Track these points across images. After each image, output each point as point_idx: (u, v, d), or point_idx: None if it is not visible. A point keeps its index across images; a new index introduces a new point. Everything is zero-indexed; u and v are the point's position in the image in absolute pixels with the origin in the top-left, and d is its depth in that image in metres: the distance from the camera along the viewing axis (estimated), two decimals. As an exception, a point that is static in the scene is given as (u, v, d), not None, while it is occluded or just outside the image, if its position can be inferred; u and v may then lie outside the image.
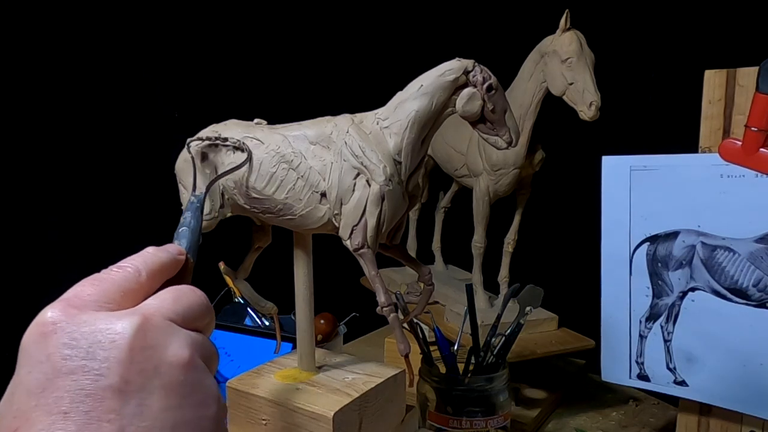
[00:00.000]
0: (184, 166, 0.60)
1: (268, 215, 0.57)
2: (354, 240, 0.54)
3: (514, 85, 0.84)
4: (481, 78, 0.53)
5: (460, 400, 0.67)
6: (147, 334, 0.28)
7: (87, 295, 0.30)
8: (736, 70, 0.62)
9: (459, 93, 0.53)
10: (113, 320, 0.28)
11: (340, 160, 0.54)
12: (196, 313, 0.32)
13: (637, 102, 1.00)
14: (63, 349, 0.27)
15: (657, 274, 0.66)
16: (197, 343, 0.31)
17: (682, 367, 0.66)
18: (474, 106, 0.53)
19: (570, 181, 0.99)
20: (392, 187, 0.53)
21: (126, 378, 0.27)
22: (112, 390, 0.27)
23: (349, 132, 0.54)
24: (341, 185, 0.54)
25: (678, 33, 0.96)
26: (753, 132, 0.59)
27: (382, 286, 0.55)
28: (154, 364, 0.28)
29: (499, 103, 0.54)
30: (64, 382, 0.27)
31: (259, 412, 0.58)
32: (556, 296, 0.82)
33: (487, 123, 0.54)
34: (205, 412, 0.30)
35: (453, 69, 0.53)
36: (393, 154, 0.54)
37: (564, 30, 0.76)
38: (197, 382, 0.30)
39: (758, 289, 0.60)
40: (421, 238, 1.11)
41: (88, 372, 0.27)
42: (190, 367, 0.29)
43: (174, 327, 0.30)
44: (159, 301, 0.31)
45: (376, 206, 0.53)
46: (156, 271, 0.33)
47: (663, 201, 0.65)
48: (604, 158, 0.68)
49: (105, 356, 0.27)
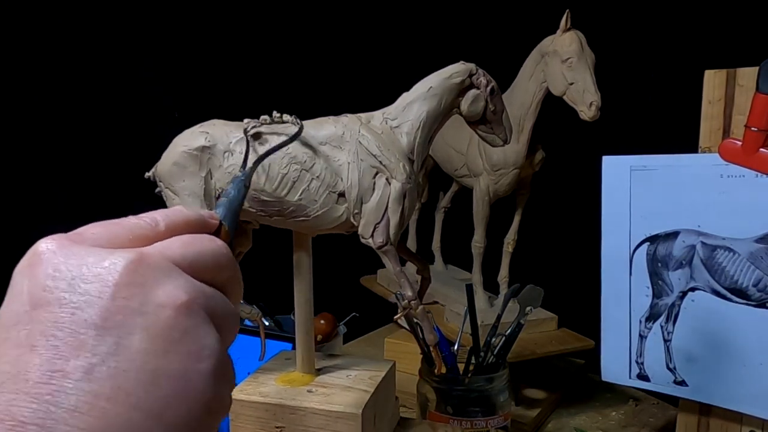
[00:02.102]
0: (174, 169, 0.56)
1: (277, 218, 0.56)
2: (377, 238, 0.55)
3: (514, 85, 0.84)
4: (485, 81, 0.56)
5: (460, 400, 0.67)
6: (138, 270, 0.25)
7: (90, 234, 0.27)
8: (736, 70, 0.62)
9: (464, 95, 0.56)
10: (105, 255, 0.26)
11: (357, 160, 0.54)
12: (209, 262, 0.28)
13: (637, 102, 1.00)
14: (45, 280, 0.25)
15: (657, 274, 0.66)
16: (202, 293, 0.27)
17: (681, 367, 0.66)
18: (478, 107, 0.56)
19: (570, 181, 0.99)
20: (412, 184, 0.55)
21: (105, 315, 0.24)
22: (87, 325, 0.24)
23: (362, 132, 0.55)
24: (362, 185, 0.55)
25: (678, 33, 0.96)
26: (753, 132, 0.59)
27: (408, 281, 0.56)
28: (139, 301, 0.25)
29: (499, 104, 0.58)
30: (39, 314, 0.24)
31: (272, 420, 0.57)
32: (556, 296, 0.82)
33: (487, 123, 0.58)
34: (196, 365, 0.26)
35: (459, 72, 0.56)
36: (407, 153, 0.55)
37: (564, 30, 0.76)
38: (191, 331, 0.26)
39: (758, 289, 0.60)
40: (421, 238, 1.11)
41: (66, 305, 0.24)
42: (183, 312, 0.26)
43: (174, 269, 0.27)
44: (164, 243, 0.28)
45: (398, 204, 0.55)
46: (178, 225, 0.29)
47: (663, 201, 0.65)
48: (604, 158, 0.68)
49: (85, 289, 0.25)
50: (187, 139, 0.57)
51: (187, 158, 0.56)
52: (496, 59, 0.62)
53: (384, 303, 0.96)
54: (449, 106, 0.57)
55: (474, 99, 0.56)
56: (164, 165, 0.57)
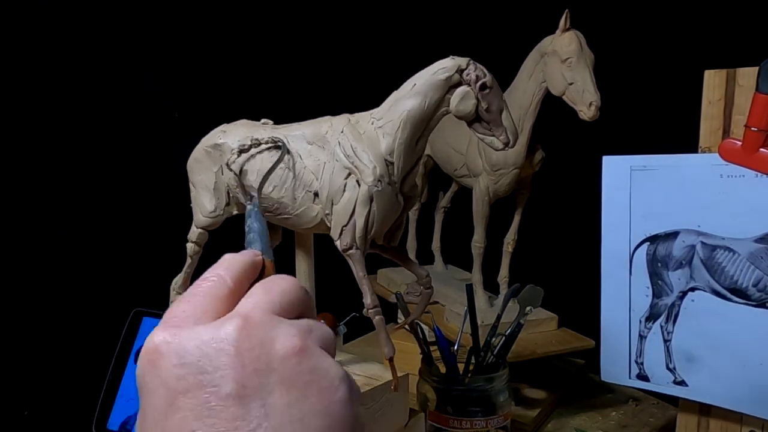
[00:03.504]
0: (194, 165, 0.61)
1: (267, 214, 0.57)
2: (343, 240, 0.54)
3: (513, 85, 0.84)
4: (475, 76, 0.51)
5: (460, 400, 0.67)
6: (251, 333, 0.28)
7: (182, 312, 0.30)
8: (736, 70, 0.62)
9: (453, 92, 0.52)
10: (215, 329, 0.28)
11: (332, 160, 0.54)
12: (292, 299, 0.31)
13: (637, 102, 1.00)
14: (175, 370, 0.27)
15: (657, 274, 0.66)
16: (304, 329, 0.29)
17: (681, 367, 0.66)
18: (467, 106, 0.52)
19: (570, 181, 0.99)
20: (381, 188, 0.52)
21: (242, 382, 0.27)
22: (232, 398, 0.26)
23: (344, 132, 0.54)
24: (332, 185, 0.53)
25: (678, 33, 0.96)
26: (753, 132, 0.59)
27: (369, 288, 0.54)
28: (265, 361, 0.27)
29: (495, 102, 0.52)
30: (184, 401, 0.26)
31: None
32: (556, 296, 0.82)
33: (483, 123, 0.53)
34: (332, 397, 0.28)
35: (446, 67, 0.52)
36: (385, 155, 0.53)
37: (564, 30, 0.76)
38: (317, 368, 0.28)
39: (758, 288, 0.60)
40: (420, 238, 1.11)
41: (205, 386, 0.26)
42: (304, 355, 0.28)
43: (275, 319, 0.29)
44: (253, 298, 0.30)
45: (364, 207, 0.53)
46: (240, 275, 0.32)
47: (663, 201, 0.65)
48: (605, 158, 0.68)
49: (215, 366, 0.27)
50: (208, 137, 0.61)
51: (204, 154, 0.60)
52: (496, 59, 0.62)
53: (384, 303, 0.96)
54: (435, 104, 0.52)
55: (463, 96, 0.52)
56: (189, 160, 0.62)
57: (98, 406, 0.82)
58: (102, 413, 0.82)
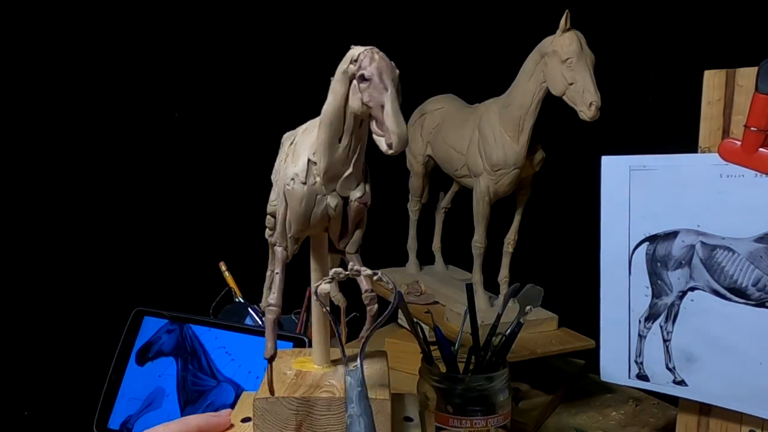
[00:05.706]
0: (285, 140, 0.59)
1: None
2: (274, 236, 0.56)
3: (514, 86, 0.84)
4: (358, 67, 0.46)
5: (461, 400, 0.67)
6: None
7: None
8: (735, 70, 0.62)
9: None
10: None
11: (283, 159, 0.56)
12: None
13: (637, 102, 1.00)
14: None
15: (656, 274, 0.66)
16: None
17: (681, 367, 0.66)
18: (354, 100, 0.47)
19: (570, 181, 0.99)
20: (293, 187, 0.52)
21: None
22: None
23: (305, 130, 0.55)
24: (278, 184, 0.55)
25: (678, 33, 0.96)
26: (752, 132, 0.59)
27: (279, 288, 0.55)
28: None
29: (375, 97, 0.46)
30: None
31: None
32: (556, 296, 0.82)
33: (373, 120, 0.47)
34: None
35: (345, 58, 0.47)
36: (309, 154, 0.52)
37: (564, 30, 0.76)
38: None
39: (758, 288, 0.61)
40: (421, 238, 1.11)
41: None
42: None
43: None
44: None
45: (280, 203, 0.54)
46: None
47: (662, 201, 0.65)
48: (604, 158, 0.68)
49: None
50: None
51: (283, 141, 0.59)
52: (496, 59, 0.62)
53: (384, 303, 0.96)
54: (342, 98, 0.48)
55: (354, 90, 0.47)
56: None
57: (99, 405, 0.82)
58: (103, 413, 0.82)
